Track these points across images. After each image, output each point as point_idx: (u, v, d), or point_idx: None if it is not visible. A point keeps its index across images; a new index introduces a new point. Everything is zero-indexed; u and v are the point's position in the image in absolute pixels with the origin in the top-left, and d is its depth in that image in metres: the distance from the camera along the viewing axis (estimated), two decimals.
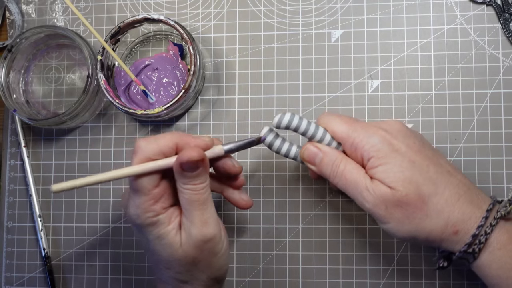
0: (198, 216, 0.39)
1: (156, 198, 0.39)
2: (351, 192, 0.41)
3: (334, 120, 0.42)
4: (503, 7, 0.52)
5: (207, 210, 0.39)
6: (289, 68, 0.53)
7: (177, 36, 0.54)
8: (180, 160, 0.38)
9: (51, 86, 0.56)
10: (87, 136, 0.55)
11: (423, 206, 0.39)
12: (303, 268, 0.52)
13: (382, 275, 0.51)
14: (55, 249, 0.55)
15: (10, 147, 0.56)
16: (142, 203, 0.38)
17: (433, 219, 0.39)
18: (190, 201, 0.39)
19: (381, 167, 0.39)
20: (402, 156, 0.39)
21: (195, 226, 0.39)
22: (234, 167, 0.43)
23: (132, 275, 0.53)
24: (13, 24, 0.57)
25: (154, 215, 0.39)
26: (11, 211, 0.55)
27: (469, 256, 0.40)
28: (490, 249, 0.39)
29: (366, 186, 0.40)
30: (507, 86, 0.51)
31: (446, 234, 0.39)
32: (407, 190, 0.39)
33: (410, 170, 0.39)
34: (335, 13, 0.53)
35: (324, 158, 0.42)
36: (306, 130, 0.42)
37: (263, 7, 0.54)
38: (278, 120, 0.41)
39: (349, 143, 0.41)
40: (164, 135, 0.40)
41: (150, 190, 0.38)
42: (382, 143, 0.40)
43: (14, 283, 0.55)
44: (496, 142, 0.50)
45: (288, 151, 0.44)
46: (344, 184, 0.41)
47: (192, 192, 0.39)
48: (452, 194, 0.40)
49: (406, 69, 0.52)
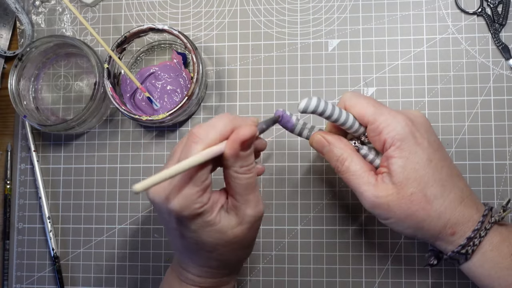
0: (254, 198, 0.39)
1: (205, 188, 0.37)
2: (353, 189, 0.41)
3: (360, 102, 0.41)
4: (493, 17, 0.53)
5: (258, 190, 0.40)
6: (288, 76, 0.55)
7: (181, 45, 0.56)
8: (242, 137, 0.37)
9: (59, 93, 0.58)
10: (94, 141, 0.57)
11: (426, 206, 0.39)
12: (301, 268, 0.53)
13: (377, 274, 0.52)
14: (64, 249, 0.56)
15: (21, 152, 0.58)
16: (193, 194, 0.37)
17: (433, 220, 0.39)
18: (247, 185, 0.38)
19: (399, 160, 0.39)
20: (423, 152, 0.39)
21: (251, 207, 0.39)
22: (264, 144, 0.44)
23: (137, 274, 0.55)
24: (24, 33, 0.58)
25: (201, 205, 0.37)
26: (21, 213, 0.57)
27: (460, 257, 0.40)
28: (483, 250, 0.40)
29: (370, 187, 0.40)
30: (497, 93, 0.52)
31: (443, 234, 0.40)
32: (415, 189, 0.39)
33: (424, 169, 0.39)
34: (332, 23, 0.55)
35: (330, 150, 0.42)
36: (331, 114, 0.41)
37: (263, 18, 0.56)
38: (305, 104, 0.40)
39: (375, 126, 0.40)
40: (219, 119, 0.38)
41: (203, 181, 0.37)
42: (407, 133, 0.39)
43: (24, 282, 0.56)
44: (486, 147, 0.52)
45: (301, 131, 0.44)
46: (347, 181, 0.41)
47: (247, 176, 0.38)
48: (456, 197, 0.40)
49: (400, 77, 0.54)
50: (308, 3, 0.56)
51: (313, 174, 0.54)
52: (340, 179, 0.53)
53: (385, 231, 0.52)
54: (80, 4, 0.58)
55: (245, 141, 0.37)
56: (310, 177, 0.54)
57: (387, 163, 0.40)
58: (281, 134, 0.54)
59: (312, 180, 0.54)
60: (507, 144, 0.52)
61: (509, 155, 0.52)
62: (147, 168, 0.56)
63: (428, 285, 0.52)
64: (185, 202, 0.37)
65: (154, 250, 0.55)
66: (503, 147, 0.52)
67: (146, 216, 0.55)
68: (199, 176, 0.37)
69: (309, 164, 0.54)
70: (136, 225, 0.55)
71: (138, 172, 0.56)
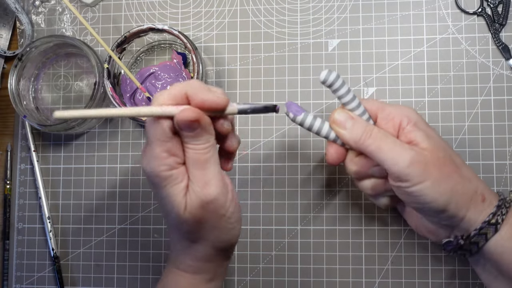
0: (200, 176, 0.38)
1: (170, 151, 0.37)
2: (385, 153, 0.40)
3: (365, 100, 0.44)
4: (493, 17, 0.53)
5: (208, 170, 0.38)
6: (288, 76, 0.55)
7: (181, 45, 0.56)
8: (176, 118, 0.37)
9: (59, 93, 0.58)
10: (94, 141, 0.57)
11: (457, 170, 0.41)
12: (301, 268, 0.53)
13: (377, 274, 0.52)
14: (64, 249, 0.56)
15: (21, 152, 0.58)
16: (158, 154, 0.37)
17: (466, 183, 0.41)
18: (191, 160, 0.38)
19: (421, 132, 0.41)
20: (434, 133, 0.43)
21: (198, 185, 0.38)
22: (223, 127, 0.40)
23: (137, 275, 0.55)
24: (24, 33, 0.58)
25: (167, 169, 0.37)
26: (21, 213, 0.57)
27: (490, 229, 0.40)
28: (511, 222, 0.41)
29: (404, 147, 0.40)
30: (497, 93, 0.52)
31: (475, 200, 0.41)
32: (443, 154, 0.41)
33: (442, 143, 0.42)
34: (332, 23, 0.55)
35: (355, 122, 0.42)
36: (344, 95, 0.43)
37: (263, 18, 0.56)
38: (326, 75, 0.42)
39: (386, 112, 0.43)
40: (177, 84, 0.38)
41: (164, 141, 0.37)
42: (418, 116, 0.42)
43: (24, 282, 0.56)
44: (486, 147, 0.52)
45: (316, 126, 0.44)
46: (378, 144, 0.41)
47: (193, 151, 0.38)
48: (474, 172, 0.43)
49: (400, 77, 0.54)
50: (308, 3, 0.56)
51: (313, 174, 0.54)
52: (340, 179, 0.53)
53: (385, 231, 0.53)
54: (80, 4, 0.58)
55: (182, 122, 0.37)
56: (310, 177, 0.54)
57: (409, 137, 0.41)
58: (281, 134, 0.54)
59: (312, 180, 0.54)
60: (507, 144, 0.52)
61: (509, 155, 0.52)
62: None
63: (428, 285, 0.52)
64: (152, 162, 0.37)
65: (154, 250, 0.55)
66: (503, 147, 0.52)
67: (146, 216, 0.55)
68: (159, 134, 0.37)
69: (309, 164, 0.54)
70: (136, 225, 0.55)
71: (138, 172, 0.56)
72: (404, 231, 0.52)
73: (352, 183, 0.53)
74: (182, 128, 0.37)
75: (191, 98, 0.38)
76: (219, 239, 0.41)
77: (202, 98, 0.38)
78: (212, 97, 0.38)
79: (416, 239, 0.52)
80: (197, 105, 0.38)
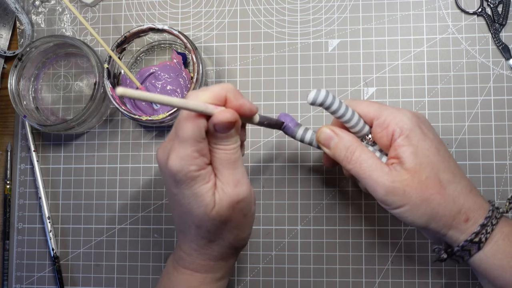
0: (230, 176, 0.39)
1: (201, 151, 0.38)
2: (364, 179, 0.41)
3: (362, 102, 0.43)
4: (493, 17, 0.53)
5: (238, 170, 0.39)
6: (288, 76, 0.55)
7: (181, 45, 0.56)
8: (215, 120, 0.37)
9: (59, 93, 0.58)
10: (94, 141, 0.57)
11: (441, 190, 0.40)
12: (301, 268, 0.53)
13: (377, 274, 0.52)
14: (64, 249, 0.56)
15: (21, 152, 0.58)
16: (188, 154, 0.37)
17: (448, 204, 0.40)
18: (221, 160, 0.39)
19: (410, 147, 0.40)
20: (431, 142, 0.41)
21: (229, 185, 0.39)
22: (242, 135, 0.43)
23: (137, 275, 0.55)
24: (23, 33, 0.58)
25: (197, 169, 0.38)
26: (21, 213, 0.57)
27: (473, 247, 0.40)
28: (495, 240, 0.40)
29: (384, 173, 0.40)
30: (497, 93, 0.52)
31: (457, 221, 0.40)
32: (428, 173, 0.39)
33: (435, 156, 0.40)
34: (332, 23, 0.55)
35: (339, 142, 0.42)
36: (337, 109, 0.41)
37: (263, 18, 0.56)
38: (314, 96, 0.41)
39: (381, 119, 0.41)
40: (216, 85, 0.39)
41: (198, 141, 0.37)
42: (414, 123, 0.41)
43: (24, 282, 0.56)
44: (486, 147, 0.52)
45: (303, 136, 0.44)
46: (358, 170, 0.41)
47: (223, 152, 0.38)
48: (466, 185, 0.41)
49: (400, 77, 0.54)
50: (308, 3, 0.56)
51: (313, 174, 0.54)
52: (340, 179, 0.53)
53: (385, 231, 0.53)
54: (80, 4, 0.58)
55: (219, 124, 0.37)
56: (310, 177, 0.54)
57: (396, 153, 0.40)
58: (281, 134, 0.54)
59: (312, 180, 0.54)
60: (507, 144, 0.52)
61: (509, 155, 0.52)
62: (147, 168, 0.56)
63: (428, 285, 0.52)
64: (180, 162, 0.37)
65: (154, 250, 0.55)
66: (503, 147, 0.52)
67: (146, 216, 0.55)
68: (193, 135, 0.37)
69: (309, 164, 0.54)
70: (136, 225, 0.55)
71: (138, 172, 0.56)
72: (404, 231, 0.52)
73: (352, 183, 0.53)
74: (219, 128, 0.37)
75: (229, 100, 0.38)
76: (237, 238, 0.42)
77: (240, 102, 0.38)
78: (248, 103, 0.39)
79: (416, 239, 0.52)
80: (234, 108, 0.38)
